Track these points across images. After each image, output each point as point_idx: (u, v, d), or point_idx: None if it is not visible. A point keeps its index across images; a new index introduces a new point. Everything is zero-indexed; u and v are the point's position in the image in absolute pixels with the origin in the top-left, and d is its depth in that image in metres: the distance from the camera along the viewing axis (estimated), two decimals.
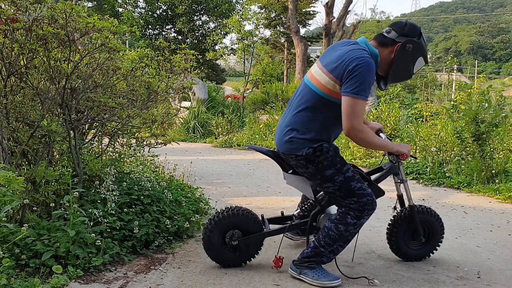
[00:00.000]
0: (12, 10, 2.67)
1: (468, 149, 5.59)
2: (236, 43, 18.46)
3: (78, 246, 2.57)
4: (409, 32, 2.50)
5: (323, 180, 2.49)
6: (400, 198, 2.85)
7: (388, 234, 2.88)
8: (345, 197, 2.47)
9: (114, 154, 3.66)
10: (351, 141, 7.54)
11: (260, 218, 2.76)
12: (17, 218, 2.73)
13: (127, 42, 20.48)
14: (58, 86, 2.86)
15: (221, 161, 7.63)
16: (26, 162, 2.98)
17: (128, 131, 3.76)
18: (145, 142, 3.94)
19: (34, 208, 2.81)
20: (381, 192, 2.66)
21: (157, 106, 4.03)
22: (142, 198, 3.24)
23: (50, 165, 2.98)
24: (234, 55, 19.36)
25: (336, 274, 2.54)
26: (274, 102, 13.66)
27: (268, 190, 5.20)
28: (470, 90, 7.02)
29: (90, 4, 25.96)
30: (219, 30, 19.29)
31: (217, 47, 20.01)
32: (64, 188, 2.92)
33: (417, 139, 6.70)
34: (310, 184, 2.66)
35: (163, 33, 24.98)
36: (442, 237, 2.91)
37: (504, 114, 6.59)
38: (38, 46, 2.68)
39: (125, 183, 3.27)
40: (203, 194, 4.21)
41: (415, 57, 2.52)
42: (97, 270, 2.57)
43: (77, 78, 2.97)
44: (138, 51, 3.49)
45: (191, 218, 3.43)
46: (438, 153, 6.09)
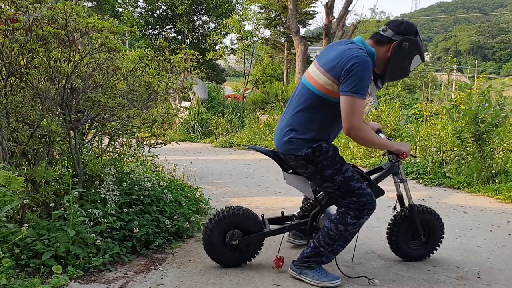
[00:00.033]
0: (12, 10, 2.67)
1: (468, 149, 5.59)
2: (236, 43, 18.48)
3: (78, 246, 2.57)
4: (405, 30, 2.51)
5: (323, 180, 2.49)
6: (400, 198, 2.85)
7: (388, 234, 2.88)
8: (344, 197, 2.47)
9: (114, 154, 3.66)
10: (351, 141, 7.56)
11: (260, 218, 2.77)
12: (17, 218, 2.73)
13: (127, 42, 20.49)
14: (58, 86, 2.86)
15: (221, 161, 7.63)
16: (26, 162, 2.98)
17: (128, 131, 3.76)
18: (145, 142, 3.94)
19: (34, 208, 2.81)
20: (380, 191, 2.66)
21: (157, 106, 4.03)
22: (142, 198, 3.24)
23: (50, 165, 2.98)
24: (234, 55, 19.37)
25: (336, 274, 2.54)
26: (274, 102, 13.66)
27: (268, 190, 5.20)
28: (470, 90, 7.02)
29: (90, 4, 25.96)
30: (219, 30, 19.30)
31: (217, 47, 20.02)
32: (64, 188, 2.92)
33: (417, 139, 6.69)
34: (310, 184, 2.66)
35: (163, 33, 24.99)
36: (442, 237, 2.91)
37: (504, 114, 6.59)
38: (38, 46, 2.68)
39: (125, 183, 3.27)
40: (203, 194, 4.21)
41: (412, 55, 2.53)
42: (97, 270, 2.57)
43: (77, 78, 2.97)
44: (138, 51, 3.49)
45: (191, 218, 3.43)
46: (438, 153, 6.09)
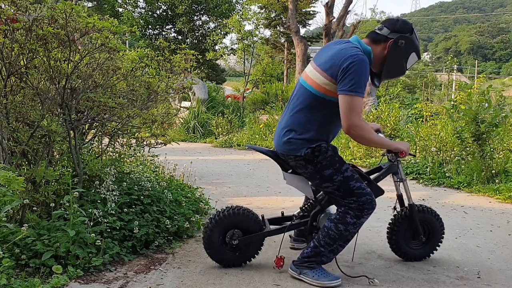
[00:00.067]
0: (12, 10, 2.67)
1: (468, 149, 5.59)
2: (236, 43, 18.49)
3: (78, 246, 2.57)
4: (401, 28, 2.53)
5: (322, 180, 2.50)
6: (399, 197, 2.85)
7: (388, 234, 2.88)
8: (344, 196, 2.48)
9: (114, 154, 3.66)
10: (351, 141, 7.56)
11: (260, 218, 2.77)
12: (17, 218, 2.73)
13: (127, 42, 20.49)
14: (58, 86, 2.86)
15: (221, 161, 7.63)
16: (26, 162, 2.98)
17: (128, 131, 3.76)
18: (145, 142, 3.94)
19: (34, 208, 2.81)
20: (380, 191, 2.67)
21: (157, 106, 4.03)
22: (142, 198, 3.24)
23: (50, 165, 2.98)
24: (234, 55, 19.38)
25: (336, 274, 2.54)
26: (274, 102, 13.67)
27: (268, 190, 5.20)
28: (470, 90, 7.02)
29: (90, 4, 25.95)
30: (219, 30, 19.30)
31: (217, 47, 20.02)
32: (64, 188, 2.92)
33: (417, 139, 6.70)
34: (310, 183, 2.66)
35: (163, 33, 24.98)
36: (442, 236, 2.91)
37: (504, 114, 6.59)
38: (38, 46, 2.68)
39: (125, 183, 3.27)
40: (203, 194, 4.21)
41: (408, 52, 2.54)
42: (97, 270, 2.57)
43: (77, 78, 2.97)
44: (138, 51, 3.49)
45: (191, 218, 3.43)
46: (438, 153, 6.09)
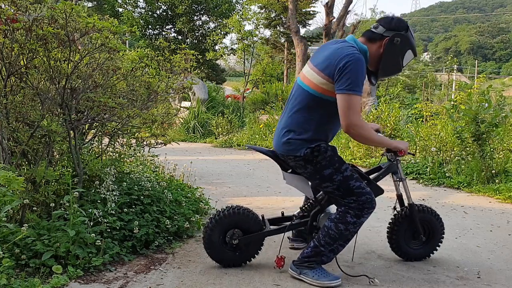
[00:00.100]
0: (12, 10, 2.67)
1: (468, 149, 5.59)
2: (236, 43, 18.49)
3: (78, 246, 2.57)
4: (396, 26, 2.54)
5: (322, 179, 2.50)
6: (399, 197, 2.86)
7: (388, 233, 2.88)
8: (344, 196, 2.48)
9: (114, 154, 3.66)
10: (351, 141, 7.56)
11: (260, 217, 2.77)
12: (17, 218, 2.73)
13: (127, 42, 20.49)
14: (58, 86, 2.86)
15: (221, 161, 7.64)
16: (26, 162, 2.98)
17: (128, 131, 3.76)
18: (145, 142, 3.94)
19: (34, 208, 2.81)
20: (380, 190, 2.67)
21: (157, 106, 4.03)
22: (142, 198, 3.24)
23: (50, 165, 2.98)
24: (234, 55, 19.38)
25: (336, 274, 2.54)
26: (274, 102, 13.67)
27: (268, 190, 5.20)
28: (470, 90, 7.03)
29: (90, 4, 25.95)
30: (219, 30, 19.30)
31: (217, 47, 20.02)
32: (64, 188, 2.92)
33: (417, 139, 6.70)
34: (310, 183, 2.67)
35: (163, 33, 24.98)
36: (442, 236, 2.91)
37: (504, 114, 6.60)
38: (38, 46, 2.68)
39: (125, 183, 3.27)
40: (203, 194, 4.22)
41: (404, 50, 2.55)
42: (97, 270, 2.57)
43: (77, 78, 2.97)
44: (138, 51, 3.49)
45: (191, 218, 3.43)
46: (438, 153, 6.09)
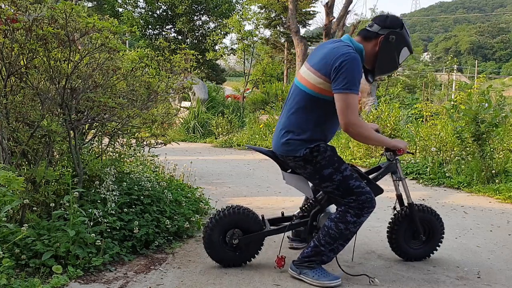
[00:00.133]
0: (12, 10, 2.67)
1: (468, 149, 5.59)
2: (236, 43, 18.49)
3: (78, 246, 2.57)
4: (391, 24, 2.55)
5: (322, 179, 2.50)
6: (399, 197, 2.86)
7: (388, 233, 2.88)
8: (344, 195, 2.48)
9: (114, 154, 3.66)
10: (351, 141, 7.56)
11: (260, 217, 2.77)
12: (17, 218, 2.73)
13: (127, 42, 20.48)
14: (58, 86, 2.86)
15: (221, 161, 7.64)
16: (26, 162, 2.98)
17: (128, 131, 3.76)
18: (145, 142, 3.93)
19: (34, 208, 2.81)
20: (379, 190, 2.68)
21: (157, 106, 4.03)
22: (142, 198, 3.24)
23: (50, 165, 2.98)
24: (234, 55, 19.38)
25: (336, 274, 2.54)
26: (274, 102, 13.68)
27: (268, 190, 5.20)
28: (470, 90, 7.03)
29: (90, 4, 25.95)
30: (219, 30, 19.30)
31: (217, 47, 20.01)
32: (64, 188, 2.92)
33: (417, 139, 6.70)
34: (310, 184, 2.67)
35: (163, 33, 24.98)
36: (442, 236, 2.91)
37: (504, 114, 6.60)
38: (38, 46, 2.68)
39: (125, 183, 3.27)
40: (203, 194, 4.22)
41: (399, 47, 2.56)
42: (97, 270, 2.57)
43: (77, 78, 2.97)
44: (138, 51, 3.49)
45: (191, 218, 3.43)
46: (438, 153, 6.09)
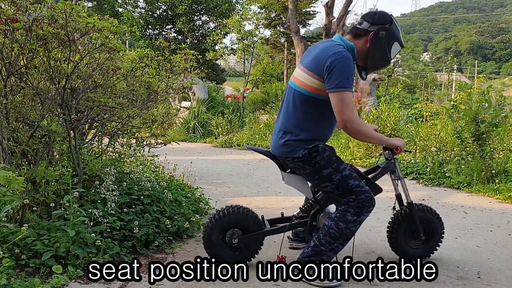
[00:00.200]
0: (12, 10, 2.67)
1: (468, 149, 5.59)
2: (236, 43, 18.48)
3: (78, 246, 2.57)
4: (379, 20, 2.58)
5: (321, 179, 2.51)
6: (398, 197, 2.86)
7: (388, 232, 2.88)
8: (343, 195, 2.49)
9: (114, 154, 3.66)
10: (351, 141, 7.56)
11: (260, 217, 2.77)
12: (17, 218, 2.73)
13: (127, 42, 20.47)
14: (58, 86, 2.86)
15: (221, 161, 7.64)
16: (26, 162, 2.98)
17: (128, 131, 3.76)
18: (145, 142, 3.93)
19: (34, 208, 2.81)
20: (378, 189, 2.69)
21: (157, 106, 4.03)
22: (142, 198, 3.24)
23: (50, 165, 2.98)
24: (234, 55, 19.37)
25: None
26: (274, 102, 13.68)
27: (268, 190, 5.20)
28: (470, 90, 7.03)
29: (90, 4, 25.94)
30: (219, 30, 19.29)
31: (217, 47, 20.01)
32: (64, 188, 2.91)
33: (417, 139, 6.69)
34: (309, 184, 2.67)
35: (163, 33, 24.98)
36: (442, 236, 2.91)
37: (504, 114, 6.60)
38: (38, 46, 2.68)
39: (125, 183, 3.27)
40: (203, 194, 4.21)
41: (390, 42, 2.58)
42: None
43: (77, 78, 2.97)
44: (138, 51, 3.49)
45: (191, 218, 3.43)
46: (438, 153, 6.09)
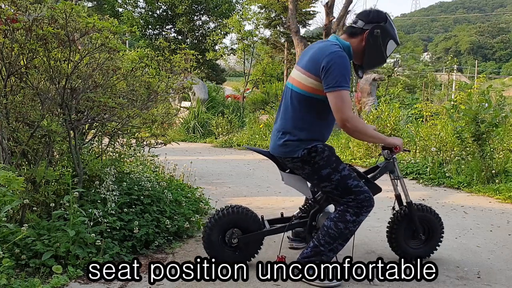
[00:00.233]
0: (12, 10, 2.67)
1: (468, 149, 5.59)
2: (236, 43, 18.49)
3: (78, 246, 2.57)
4: (374, 18, 2.58)
5: (320, 179, 2.51)
6: (398, 197, 2.86)
7: (388, 232, 2.88)
8: (342, 195, 2.49)
9: (114, 154, 3.66)
10: (351, 141, 7.56)
11: (259, 217, 2.77)
12: (17, 218, 2.73)
13: (127, 42, 20.48)
14: (58, 86, 2.86)
15: (221, 161, 7.64)
16: (26, 162, 2.98)
17: (128, 131, 3.76)
18: (145, 142, 3.93)
19: (34, 208, 2.81)
20: (378, 189, 2.69)
21: (157, 106, 4.03)
22: (142, 198, 3.24)
23: (50, 165, 2.98)
24: (234, 55, 19.38)
25: None
26: (274, 102, 13.68)
27: (268, 190, 5.20)
28: (470, 90, 7.03)
29: (90, 4, 25.93)
30: (219, 30, 19.29)
31: (217, 47, 20.02)
32: (64, 188, 2.91)
33: (417, 139, 6.69)
34: (309, 184, 2.67)
35: (163, 33, 24.97)
36: (442, 236, 2.91)
37: (504, 114, 6.60)
38: (38, 46, 2.68)
39: (125, 183, 3.27)
40: (203, 194, 4.22)
41: (385, 41, 2.59)
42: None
43: (77, 78, 2.97)
44: (138, 51, 3.49)
45: (191, 218, 3.43)
46: (438, 153, 6.09)
